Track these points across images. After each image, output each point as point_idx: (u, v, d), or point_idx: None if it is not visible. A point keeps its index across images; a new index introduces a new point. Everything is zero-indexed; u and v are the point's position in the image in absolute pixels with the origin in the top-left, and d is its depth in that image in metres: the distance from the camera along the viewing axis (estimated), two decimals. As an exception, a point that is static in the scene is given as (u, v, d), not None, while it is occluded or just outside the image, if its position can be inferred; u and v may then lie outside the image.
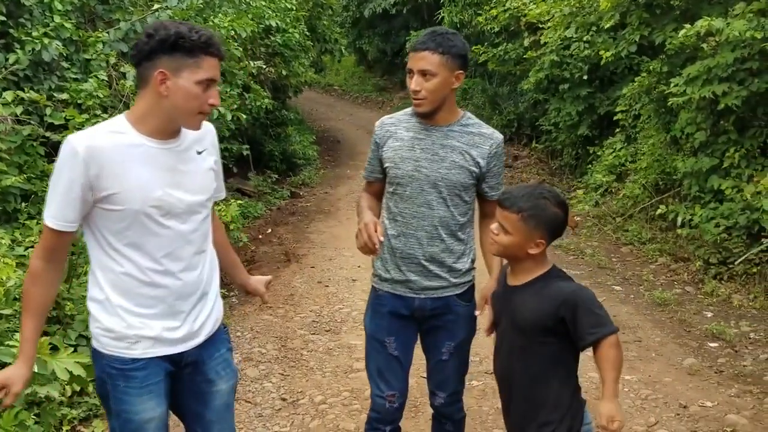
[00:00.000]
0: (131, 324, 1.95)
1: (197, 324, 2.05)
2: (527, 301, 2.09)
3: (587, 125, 9.17)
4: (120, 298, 1.94)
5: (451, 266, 2.49)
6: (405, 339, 2.59)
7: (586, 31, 8.63)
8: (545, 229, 2.06)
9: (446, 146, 2.42)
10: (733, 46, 5.50)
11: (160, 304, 1.97)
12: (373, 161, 2.57)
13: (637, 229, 7.07)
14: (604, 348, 1.98)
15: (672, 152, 6.92)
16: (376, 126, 2.56)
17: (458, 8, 14.26)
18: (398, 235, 2.48)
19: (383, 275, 2.55)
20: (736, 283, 5.54)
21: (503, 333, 2.22)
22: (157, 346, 1.98)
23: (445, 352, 2.59)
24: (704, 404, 3.82)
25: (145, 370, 1.97)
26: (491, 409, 3.77)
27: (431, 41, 2.31)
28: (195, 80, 1.85)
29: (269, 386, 4.07)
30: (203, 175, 2.05)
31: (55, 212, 1.87)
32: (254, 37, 7.74)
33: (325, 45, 13.97)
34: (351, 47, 20.31)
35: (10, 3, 4.62)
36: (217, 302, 2.16)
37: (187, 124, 1.94)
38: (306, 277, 6.16)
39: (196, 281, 2.03)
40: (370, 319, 2.62)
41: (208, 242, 2.11)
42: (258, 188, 9.26)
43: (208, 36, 1.86)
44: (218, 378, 2.14)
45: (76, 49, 5.05)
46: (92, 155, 1.82)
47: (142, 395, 1.97)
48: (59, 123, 4.45)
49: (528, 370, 2.11)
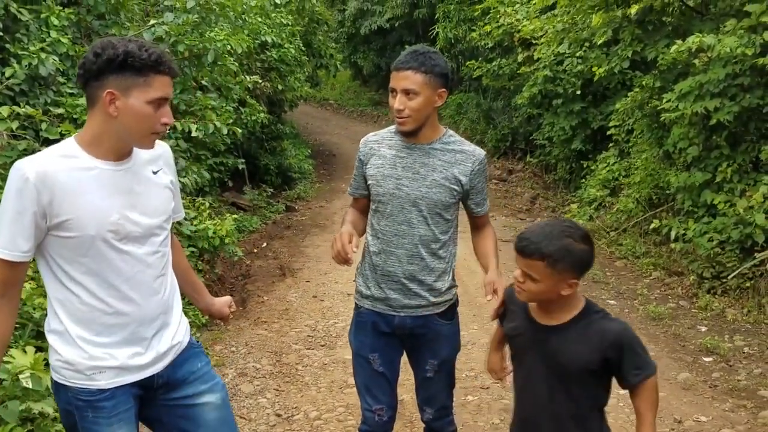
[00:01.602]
0: (93, 355, 1.88)
1: (163, 347, 2.00)
2: (572, 343, 1.94)
3: (581, 140, 9.22)
4: (79, 328, 1.87)
5: (431, 285, 2.48)
6: (389, 355, 2.59)
7: (579, 46, 8.71)
8: (576, 269, 1.90)
9: (427, 165, 2.41)
10: (725, 62, 5.55)
11: (122, 332, 1.90)
12: (358, 178, 2.58)
13: (631, 244, 7.09)
14: (646, 389, 1.93)
15: (665, 167, 6.97)
16: (361, 143, 2.57)
17: (452, 24, 14.38)
18: (379, 252, 2.48)
19: (364, 292, 2.55)
20: (729, 298, 5.55)
21: (532, 373, 2.04)
22: (122, 375, 1.92)
23: (429, 369, 2.58)
24: (699, 419, 3.83)
25: (113, 399, 1.91)
26: (486, 424, 3.76)
27: (414, 60, 2.31)
28: (146, 100, 1.79)
29: (264, 402, 4.06)
30: (160, 195, 1.99)
31: (7, 243, 1.78)
32: (250, 52, 7.78)
33: (320, 60, 14.04)
34: (346, 62, 20.42)
35: (6, 18, 4.63)
36: (181, 321, 2.10)
37: (139, 145, 1.89)
38: (301, 292, 6.16)
39: (158, 305, 1.97)
40: (354, 336, 2.63)
41: (169, 264, 2.05)
42: (253, 202, 9.27)
43: (158, 54, 1.80)
44: (201, 392, 2.08)
45: (73, 64, 5.06)
46: (43, 181, 1.74)
47: (112, 424, 1.91)
48: (55, 138, 4.44)
49: (572, 411, 1.99)
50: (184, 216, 2.22)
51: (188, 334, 2.13)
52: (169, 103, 1.87)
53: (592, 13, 7.75)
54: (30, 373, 2.46)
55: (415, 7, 17.45)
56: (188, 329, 2.14)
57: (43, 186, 1.75)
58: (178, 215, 2.15)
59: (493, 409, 3.92)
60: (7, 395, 2.64)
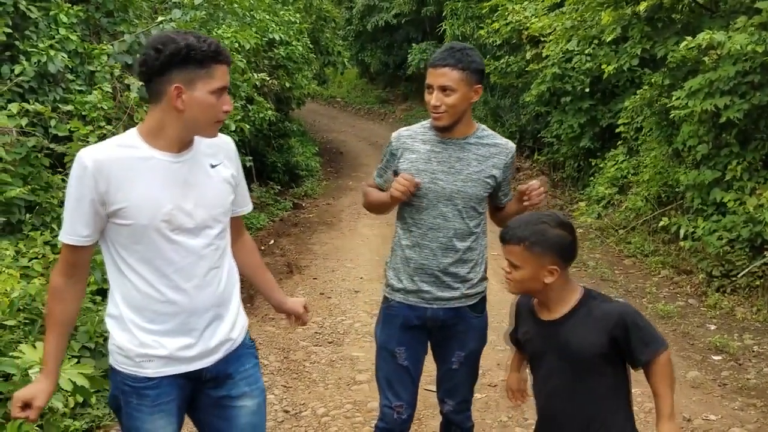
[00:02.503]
0: (143, 342, 1.92)
1: (214, 341, 2.00)
2: (577, 330, 1.97)
3: (589, 137, 9.19)
4: (133, 314, 1.92)
5: (464, 277, 2.51)
6: (415, 350, 2.60)
7: (588, 44, 8.67)
8: (553, 254, 1.96)
9: (462, 159, 2.45)
10: (735, 60, 5.52)
11: (173, 321, 1.93)
12: (387, 170, 2.58)
13: (639, 242, 7.06)
14: (659, 365, 1.92)
15: (674, 165, 6.93)
16: (393, 137, 2.57)
17: (460, 21, 14.34)
18: (413, 245, 2.50)
19: (396, 285, 2.57)
20: (739, 296, 5.52)
21: (551, 373, 2.06)
22: (170, 365, 1.95)
23: (455, 361, 2.60)
24: (708, 417, 3.81)
25: (158, 389, 1.94)
26: (494, 422, 3.76)
27: (451, 57, 2.34)
28: (209, 90, 1.83)
29: (272, 398, 4.06)
30: (217, 188, 2.00)
31: (69, 228, 1.86)
32: (258, 50, 7.78)
33: (328, 57, 14.04)
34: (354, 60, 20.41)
35: (15, 15, 4.65)
36: (238, 318, 2.10)
37: (204, 134, 1.94)
38: (308, 289, 6.16)
39: (210, 298, 1.98)
40: (381, 329, 2.63)
41: (225, 258, 2.05)
42: (261, 199, 9.28)
43: (216, 44, 1.84)
44: (243, 394, 2.09)
45: (81, 61, 5.09)
46: (100, 169, 1.80)
47: (153, 413, 1.95)
48: (64, 134, 4.47)
49: (598, 399, 1.99)
50: (251, 208, 2.23)
51: (244, 332, 2.13)
52: (227, 91, 1.90)
53: (601, 10, 7.72)
54: (39, 368, 2.47)
55: (423, 4, 17.43)
56: (245, 327, 2.14)
57: (100, 174, 1.80)
58: (241, 209, 2.16)
59: (501, 407, 3.91)
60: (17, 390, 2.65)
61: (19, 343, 2.94)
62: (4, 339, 3.06)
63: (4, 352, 2.90)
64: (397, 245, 2.59)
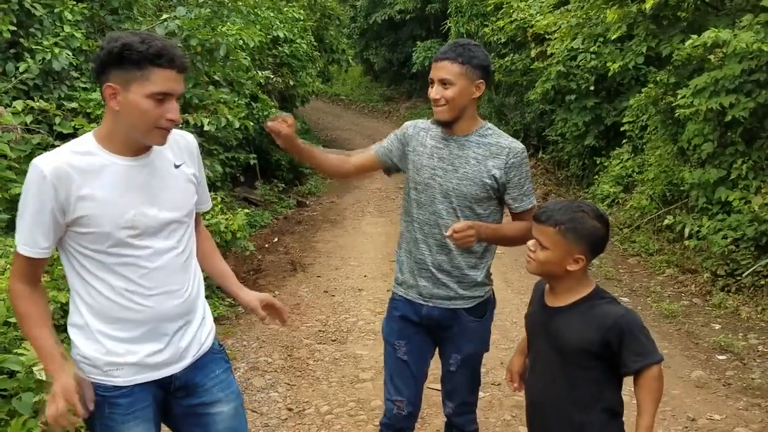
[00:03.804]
0: (110, 350, 1.86)
1: (182, 345, 1.96)
2: (572, 323, 1.99)
3: (594, 136, 9.16)
4: (99, 322, 1.86)
5: (458, 277, 2.49)
6: (416, 346, 2.59)
7: (593, 42, 8.65)
8: (585, 244, 1.96)
9: (461, 157, 2.43)
10: (740, 58, 5.49)
11: (141, 327, 1.88)
12: (392, 146, 2.58)
13: (644, 241, 7.05)
14: (647, 378, 1.91)
15: (679, 163, 6.91)
16: (410, 124, 2.59)
17: (465, 19, 14.31)
18: (413, 239, 2.53)
19: (399, 277, 2.61)
20: (744, 295, 5.51)
21: (539, 355, 2.11)
22: (140, 372, 1.90)
23: (453, 363, 2.59)
24: (712, 417, 3.80)
25: (130, 397, 1.89)
26: (498, 420, 3.75)
27: (452, 51, 2.35)
28: (144, 94, 1.73)
29: (275, 396, 4.06)
30: (180, 189, 1.95)
31: (28, 239, 1.79)
32: (262, 48, 7.79)
33: (332, 55, 14.04)
34: (358, 57, 20.42)
35: (20, 13, 4.66)
36: (204, 321, 2.05)
37: (146, 140, 1.83)
38: (312, 287, 6.16)
39: (179, 302, 1.93)
40: (386, 322, 2.67)
41: (192, 259, 2.01)
42: (265, 197, 9.28)
43: (160, 47, 1.73)
44: (218, 401, 2.04)
45: (86, 59, 5.09)
46: (60, 177, 1.74)
47: (128, 422, 1.89)
48: (68, 132, 4.48)
49: (571, 394, 2.00)
50: (210, 206, 2.18)
51: (212, 338, 2.09)
52: (176, 98, 1.81)
53: (607, 8, 7.69)
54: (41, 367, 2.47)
55: (428, 2, 17.40)
56: (212, 332, 2.10)
57: (59, 182, 1.74)
58: (202, 206, 2.12)
59: (505, 406, 3.91)
60: (20, 387, 2.66)
61: (23, 340, 2.94)
62: (9, 336, 3.07)
63: (8, 349, 2.91)
64: (402, 239, 2.62)
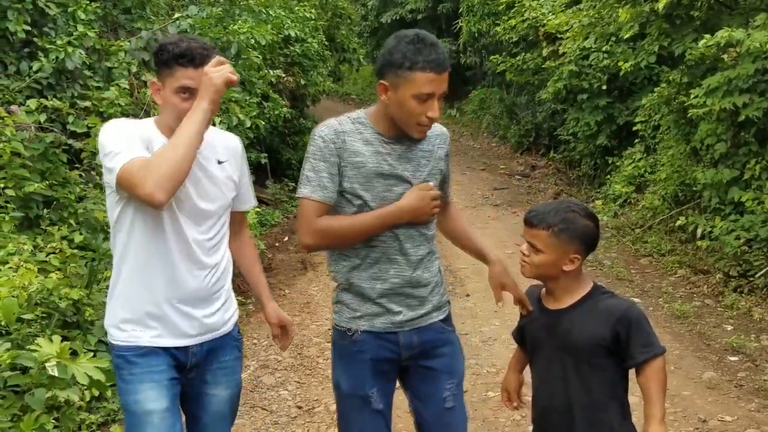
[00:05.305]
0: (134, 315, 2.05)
1: (205, 322, 2.11)
2: (580, 321, 1.98)
3: (606, 135, 9.12)
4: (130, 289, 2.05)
5: (432, 288, 2.16)
6: (387, 389, 2.18)
7: (606, 41, 8.61)
8: (579, 243, 1.99)
9: (412, 160, 2.10)
10: (754, 57, 5.45)
11: (169, 307, 2.05)
12: (332, 177, 2.04)
13: (656, 241, 7.01)
14: (654, 369, 1.92)
15: (692, 163, 6.87)
16: (327, 133, 2.04)
17: (476, 18, 14.30)
18: (374, 262, 2.09)
19: (358, 310, 2.12)
20: (756, 297, 5.46)
21: (548, 360, 2.07)
22: (162, 337, 2.05)
23: (449, 395, 2.16)
24: (724, 419, 3.77)
25: (147, 357, 2.03)
26: (508, 420, 3.75)
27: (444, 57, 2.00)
28: (171, 90, 1.99)
29: (285, 394, 4.08)
30: (219, 184, 2.13)
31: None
32: (273, 47, 7.81)
33: (343, 54, 14.04)
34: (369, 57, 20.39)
35: (34, 12, 4.70)
36: (226, 308, 2.19)
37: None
38: (322, 285, 6.17)
39: (201, 285, 2.09)
40: (345, 372, 2.15)
41: (220, 249, 2.16)
42: (275, 196, 9.31)
43: (184, 48, 1.96)
44: (216, 383, 2.17)
45: (99, 58, 5.13)
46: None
47: (143, 382, 2.01)
48: (81, 131, 4.51)
49: (589, 395, 1.99)
50: (252, 205, 2.37)
51: (231, 324, 2.22)
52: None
53: (619, 7, 7.66)
54: (56, 361, 2.50)
55: (439, 2, 17.37)
56: (233, 318, 2.24)
57: None
58: (242, 205, 2.30)
59: (514, 406, 3.89)
60: (33, 383, 2.69)
61: (36, 336, 2.97)
62: (22, 332, 3.10)
63: (21, 345, 2.94)
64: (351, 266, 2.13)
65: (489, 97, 15.35)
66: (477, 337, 4.92)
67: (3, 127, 3.93)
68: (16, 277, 3.10)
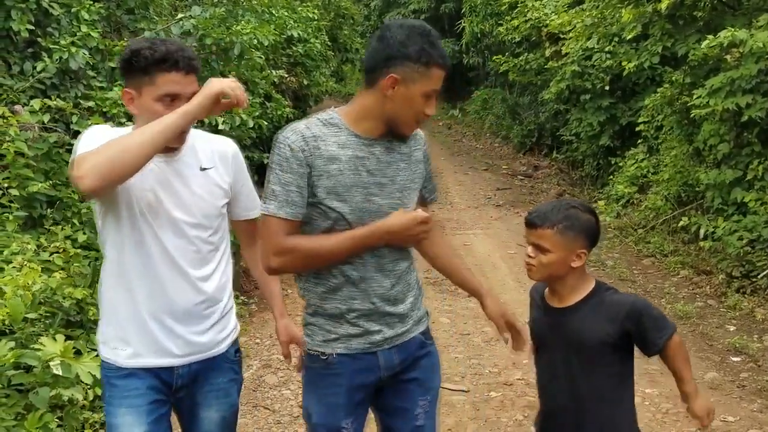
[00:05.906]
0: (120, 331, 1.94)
1: (192, 339, 1.98)
2: (587, 319, 1.99)
3: (609, 136, 9.12)
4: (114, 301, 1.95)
5: (407, 299, 2.01)
6: (362, 418, 2.04)
7: (608, 41, 8.61)
8: (584, 238, 2.01)
9: (392, 163, 1.93)
10: (757, 58, 5.45)
11: (152, 321, 1.93)
12: (300, 190, 1.84)
13: (659, 241, 7.00)
14: (674, 348, 1.97)
15: (695, 164, 6.87)
16: (292, 139, 1.84)
17: (479, 18, 14.31)
18: (349, 281, 1.92)
19: (333, 332, 1.94)
20: (759, 297, 5.46)
21: (556, 360, 2.07)
22: (142, 357, 1.93)
23: (420, 413, 2.05)
24: (726, 419, 3.77)
25: (127, 380, 1.92)
26: (510, 420, 3.75)
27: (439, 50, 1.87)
28: (153, 97, 1.82)
29: (288, 393, 4.08)
30: (201, 192, 1.96)
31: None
32: (276, 47, 7.81)
33: (346, 54, 14.07)
34: (371, 57, 20.44)
35: (38, 12, 4.70)
36: (221, 324, 2.05)
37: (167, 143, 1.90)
38: (325, 286, 6.17)
39: (191, 301, 1.96)
40: (318, 402, 1.98)
41: (212, 261, 2.01)
42: (278, 196, 9.29)
43: (165, 51, 1.79)
44: (208, 406, 2.05)
45: (102, 58, 5.13)
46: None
47: (121, 407, 1.91)
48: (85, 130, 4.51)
49: (599, 391, 2.00)
50: (257, 214, 2.08)
51: (226, 345, 2.08)
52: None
53: (622, 7, 7.66)
54: (60, 360, 2.51)
55: (442, 2, 17.39)
56: (230, 338, 2.09)
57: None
58: (245, 213, 2.13)
59: (517, 406, 3.90)
60: (37, 382, 2.70)
61: (40, 335, 2.98)
62: (26, 332, 3.11)
63: (25, 344, 2.95)
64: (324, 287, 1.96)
65: (492, 98, 15.37)
66: (479, 337, 4.92)
67: (7, 127, 3.94)
68: (20, 276, 3.11)
